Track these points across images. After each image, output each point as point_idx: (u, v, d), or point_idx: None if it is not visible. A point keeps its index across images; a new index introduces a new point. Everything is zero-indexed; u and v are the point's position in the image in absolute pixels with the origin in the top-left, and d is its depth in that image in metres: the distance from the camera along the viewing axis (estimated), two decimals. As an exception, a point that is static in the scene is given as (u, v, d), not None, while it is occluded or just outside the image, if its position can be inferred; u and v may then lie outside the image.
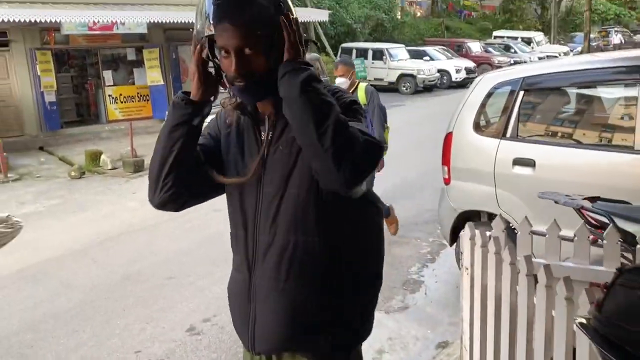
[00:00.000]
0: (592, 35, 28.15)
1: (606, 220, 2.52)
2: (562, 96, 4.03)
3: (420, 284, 4.42)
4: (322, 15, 16.57)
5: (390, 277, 4.41)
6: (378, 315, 3.87)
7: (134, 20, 12.11)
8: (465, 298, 2.62)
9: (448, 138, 4.23)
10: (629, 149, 3.36)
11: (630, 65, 3.46)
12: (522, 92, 3.83)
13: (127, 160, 9.61)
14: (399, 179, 7.43)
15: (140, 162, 9.47)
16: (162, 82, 13.42)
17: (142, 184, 8.33)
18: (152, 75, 13.26)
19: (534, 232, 2.56)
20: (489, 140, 3.98)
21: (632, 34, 32.03)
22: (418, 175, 7.59)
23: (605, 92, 3.91)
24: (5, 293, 4.72)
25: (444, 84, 19.61)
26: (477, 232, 2.48)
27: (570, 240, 2.51)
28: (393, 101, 16.64)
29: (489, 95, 4.07)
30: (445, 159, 4.26)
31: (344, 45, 19.95)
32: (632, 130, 3.37)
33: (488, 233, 2.48)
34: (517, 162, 3.77)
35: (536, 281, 2.08)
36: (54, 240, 6.00)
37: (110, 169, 9.71)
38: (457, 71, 19.91)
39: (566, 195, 2.78)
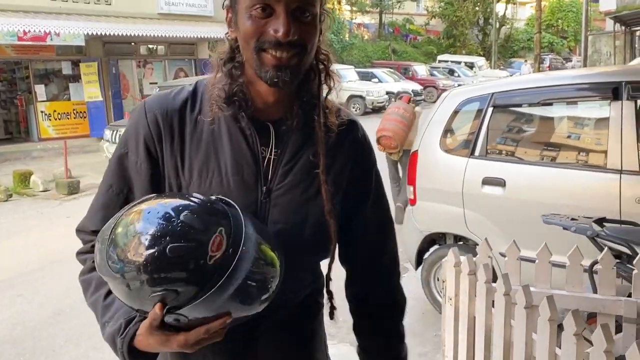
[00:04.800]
0: (529, 62, 29.42)
1: (625, 249, 2.34)
2: (533, 113, 3.90)
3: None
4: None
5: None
6: (343, 348, 3.56)
7: (70, 31, 11.40)
8: (447, 331, 2.35)
9: (414, 157, 4.02)
10: (602, 168, 3.23)
11: (605, 82, 3.35)
12: (490, 109, 3.67)
13: (60, 182, 8.88)
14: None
15: (75, 184, 8.78)
16: (100, 98, 12.76)
17: (76, 207, 7.68)
18: (90, 90, 12.57)
19: (521, 258, 2.34)
20: (457, 159, 3.79)
21: (564, 61, 33.73)
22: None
23: (578, 109, 3.82)
24: None
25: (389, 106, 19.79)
26: (463, 258, 2.22)
27: (562, 266, 2.30)
28: (342, 121, 16.58)
29: (456, 112, 3.89)
30: (411, 179, 4.04)
31: (292, 64, 19.81)
32: (604, 149, 3.25)
33: (474, 258, 2.23)
34: (487, 181, 3.59)
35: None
36: (-26, 269, 5.34)
37: (41, 191, 8.94)
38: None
39: (572, 219, 2.59)
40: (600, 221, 2.63)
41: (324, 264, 1.19)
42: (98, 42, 12.89)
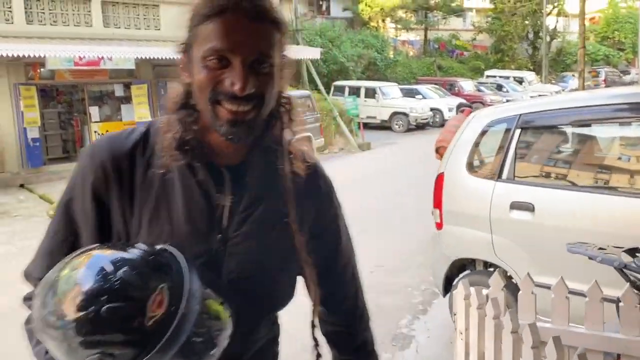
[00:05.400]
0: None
1: None
2: (563, 135, 3.74)
3: (411, 338, 4.02)
4: (314, 53, 16.52)
5: (379, 330, 4.02)
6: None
7: (122, 55, 11.94)
8: (459, 367, 2.25)
9: (439, 179, 3.93)
10: (635, 194, 3.05)
11: (637, 102, 3.17)
12: (518, 130, 3.54)
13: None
14: (389, 219, 7.10)
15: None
16: (149, 118, 13.18)
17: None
18: (140, 111, 13.03)
19: (539, 286, 2.22)
20: (484, 181, 3.68)
21: (621, 74, 32.39)
22: (410, 216, 7.25)
23: (609, 130, 3.64)
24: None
25: (437, 122, 19.54)
26: (472, 290, 2.13)
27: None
28: (386, 139, 16.49)
29: (483, 133, 3.78)
30: (437, 202, 3.94)
31: (337, 83, 19.91)
32: (637, 172, 3.08)
33: (485, 291, 2.13)
34: (515, 206, 3.45)
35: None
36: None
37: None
38: (450, 110, 19.87)
39: (599, 249, 2.45)
40: (633, 251, 2.47)
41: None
42: (148, 65, 13.39)
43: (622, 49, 36.59)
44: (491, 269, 3.72)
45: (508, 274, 3.47)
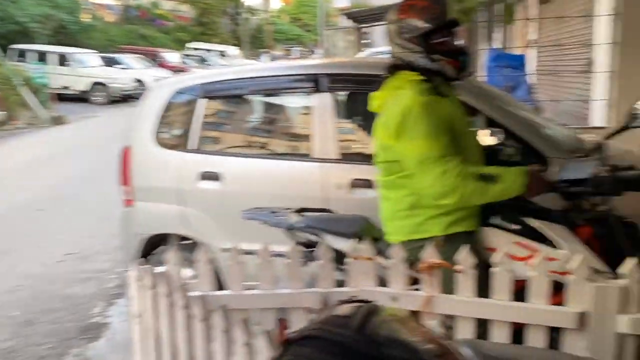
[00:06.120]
0: (277, 53, 30.97)
1: (315, 238, 2.36)
2: (246, 104, 3.86)
3: (104, 327, 3.71)
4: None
5: (66, 325, 3.60)
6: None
7: None
8: (137, 353, 2.10)
9: (126, 153, 3.66)
10: (307, 157, 3.34)
11: (308, 73, 3.44)
12: (203, 100, 3.51)
13: None
14: (85, 201, 6.47)
15: None
16: None
17: None
18: None
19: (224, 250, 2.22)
20: (172, 153, 3.56)
21: (310, 53, 36.44)
22: (109, 196, 6.73)
23: (288, 101, 3.89)
24: None
25: (142, 94, 18.73)
26: (145, 269, 1.99)
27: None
28: (84, 112, 15.05)
29: (169, 102, 3.63)
30: (125, 178, 3.67)
31: (15, 46, 17.12)
32: (309, 138, 3.37)
33: (158, 269, 2.01)
34: (203, 176, 3.44)
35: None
36: None
37: None
38: (156, 81, 19.27)
39: (272, 212, 2.54)
40: (300, 211, 2.67)
41: None
42: None
43: (310, 30, 41.05)
44: (189, 242, 3.68)
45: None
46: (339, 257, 2.11)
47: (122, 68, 18.72)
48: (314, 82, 3.30)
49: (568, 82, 6.57)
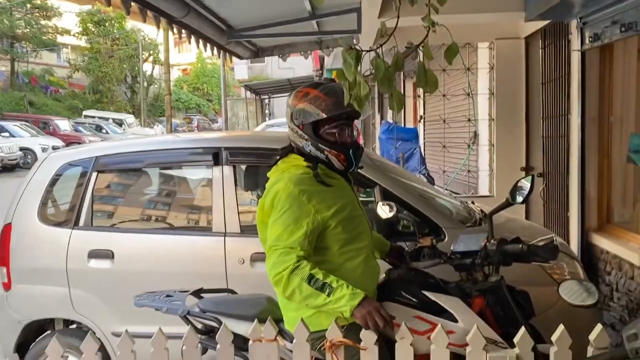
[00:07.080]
0: (177, 121, 30.67)
1: (214, 324, 2.24)
2: (142, 177, 3.72)
3: None
4: None
5: None
6: None
7: None
8: None
9: (5, 231, 3.36)
10: (208, 231, 3.25)
11: (207, 147, 3.41)
12: (95, 173, 3.34)
13: None
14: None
15: None
16: None
17: None
18: None
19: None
20: (59, 230, 3.33)
21: (211, 122, 36.46)
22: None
23: (187, 173, 3.81)
24: None
25: (29, 163, 17.60)
26: None
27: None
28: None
29: (57, 177, 3.42)
30: (3, 258, 3.34)
31: None
32: (209, 211, 3.29)
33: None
34: (93, 254, 3.22)
35: None
36: None
37: None
38: (44, 150, 18.22)
39: (167, 296, 2.40)
40: (198, 292, 2.55)
41: None
42: None
43: (210, 100, 41.26)
44: (74, 327, 3.38)
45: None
46: (241, 342, 2.02)
47: (7, 136, 17.67)
48: (214, 156, 3.28)
49: (456, 154, 7.08)
